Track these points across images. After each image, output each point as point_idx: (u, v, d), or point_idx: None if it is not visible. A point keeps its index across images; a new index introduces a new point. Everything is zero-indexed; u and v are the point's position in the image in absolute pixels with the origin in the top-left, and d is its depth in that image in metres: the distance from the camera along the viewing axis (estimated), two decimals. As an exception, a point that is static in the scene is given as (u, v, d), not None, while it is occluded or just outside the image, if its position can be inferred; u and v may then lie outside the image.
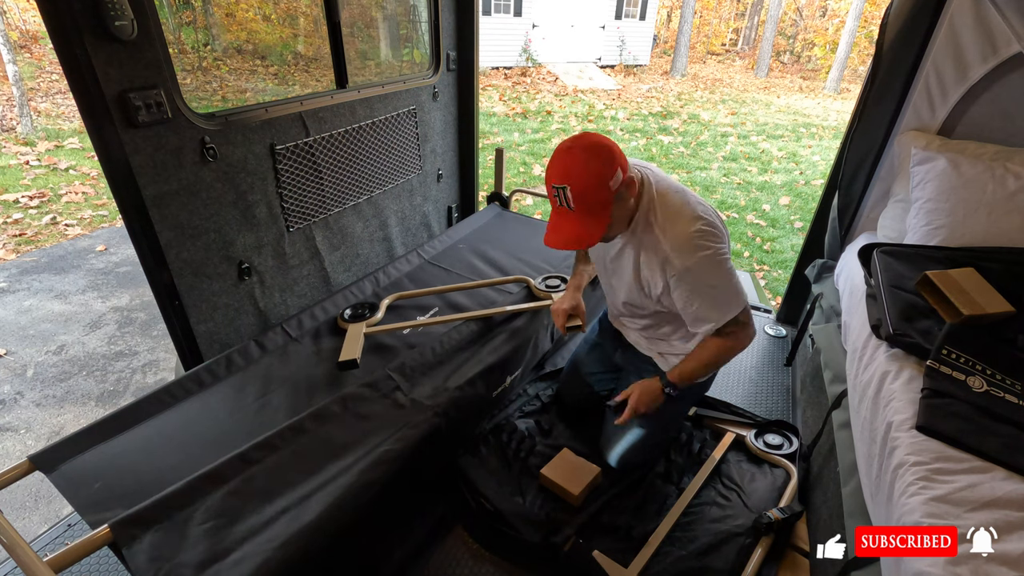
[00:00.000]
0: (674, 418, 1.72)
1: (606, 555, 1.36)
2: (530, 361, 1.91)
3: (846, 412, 1.38)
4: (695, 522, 1.47)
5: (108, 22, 1.25)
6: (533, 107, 8.53)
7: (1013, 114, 1.66)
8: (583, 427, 1.75)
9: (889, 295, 1.33)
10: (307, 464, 1.27)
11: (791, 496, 1.53)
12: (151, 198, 1.49)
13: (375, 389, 1.49)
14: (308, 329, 1.79)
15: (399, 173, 2.43)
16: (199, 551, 1.07)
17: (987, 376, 1.09)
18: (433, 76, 2.47)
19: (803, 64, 15.78)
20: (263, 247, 1.87)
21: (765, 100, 10.55)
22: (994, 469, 0.92)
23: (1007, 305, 1.25)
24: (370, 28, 2.77)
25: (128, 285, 3.46)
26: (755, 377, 2.15)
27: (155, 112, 1.42)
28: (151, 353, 2.84)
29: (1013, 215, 1.48)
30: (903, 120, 1.81)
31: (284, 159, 1.84)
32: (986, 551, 0.78)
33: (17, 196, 4.51)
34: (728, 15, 19.41)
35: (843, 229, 2.02)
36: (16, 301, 3.22)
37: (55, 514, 1.97)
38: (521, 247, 2.39)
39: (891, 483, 0.96)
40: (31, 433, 2.32)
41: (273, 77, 6.13)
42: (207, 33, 5.80)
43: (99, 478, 1.22)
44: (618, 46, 12.91)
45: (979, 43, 1.61)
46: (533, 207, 4.87)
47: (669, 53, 15.42)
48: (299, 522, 1.12)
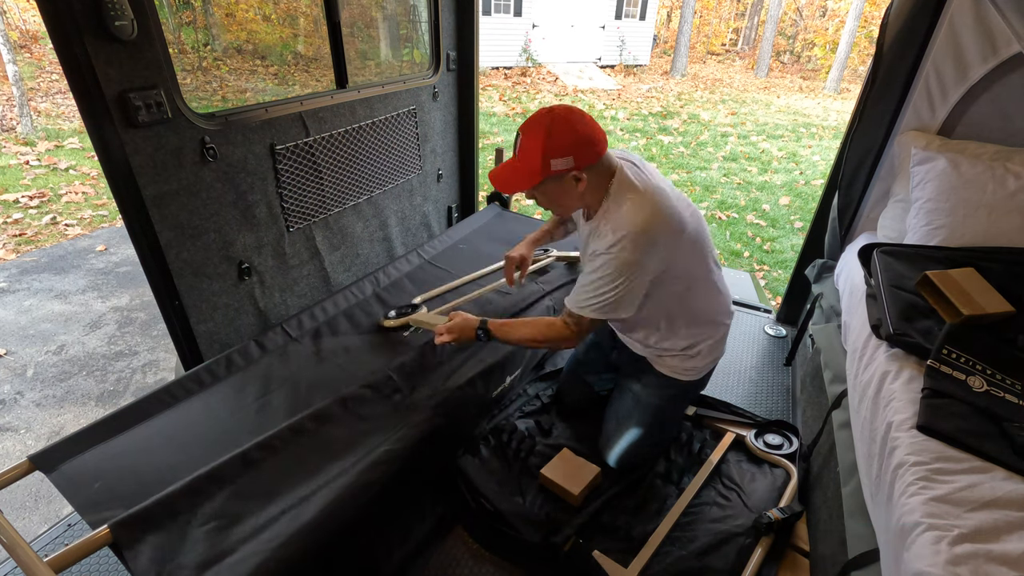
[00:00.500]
0: (673, 418, 1.72)
1: (606, 555, 1.36)
2: (530, 361, 1.91)
3: (846, 412, 1.38)
4: (695, 522, 1.47)
5: (108, 22, 1.25)
6: (533, 107, 8.53)
7: (1013, 114, 1.66)
8: (583, 427, 1.75)
9: (889, 295, 1.33)
10: (307, 464, 1.27)
11: (791, 496, 1.53)
12: (151, 198, 1.49)
13: (375, 389, 1.49)
14: (308, 329, 1.78)
15: (399, 173, 2.43)
16: (199, 551, 1.07)
17: (987, 376, 1.09)
18: (433, 76, 2.47)
19: (803, 64, 15.78)
20: (263, 247, 1.87)
21: (765, 100, 10.55)
22: (994, 469, 0.92)
23: (1007, 305, 1.25)
24: (370, 28, 2.77)
25: (128, 285, 3.46)
26: (755, 377, 2.15)
27: (155, 112, 1.42)
28: (151, 353, 2.85)
29: (1013, 215, 1.48)
30: (903, 120, 1.81)
31: (284, 159, 1.84)
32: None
33: (17, 196, 4.51)
34: (728, 15, 19.41)
35: (843, 229, 2.02)
36: (16, 301, 3.22)
37: (55, 514, 1.97)
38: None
39: (891, 483, 0.96)
40: (31, 433, 2.32)
41: (273, 77, 6.13)
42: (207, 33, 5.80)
43: (99, 478, 1.22)
44: (618, 46, 12.92)
45: (979, 43, 1.61)
46: (533, 207, 4.87)
47: (669, 53, 15.43)
48: (299, 522, 1.12)
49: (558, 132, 1.20)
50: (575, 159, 1.21)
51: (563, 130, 1.20)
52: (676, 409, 1.71)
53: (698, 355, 1.49)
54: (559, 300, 1.93)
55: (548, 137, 1.20)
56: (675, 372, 1.52)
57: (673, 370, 1.52)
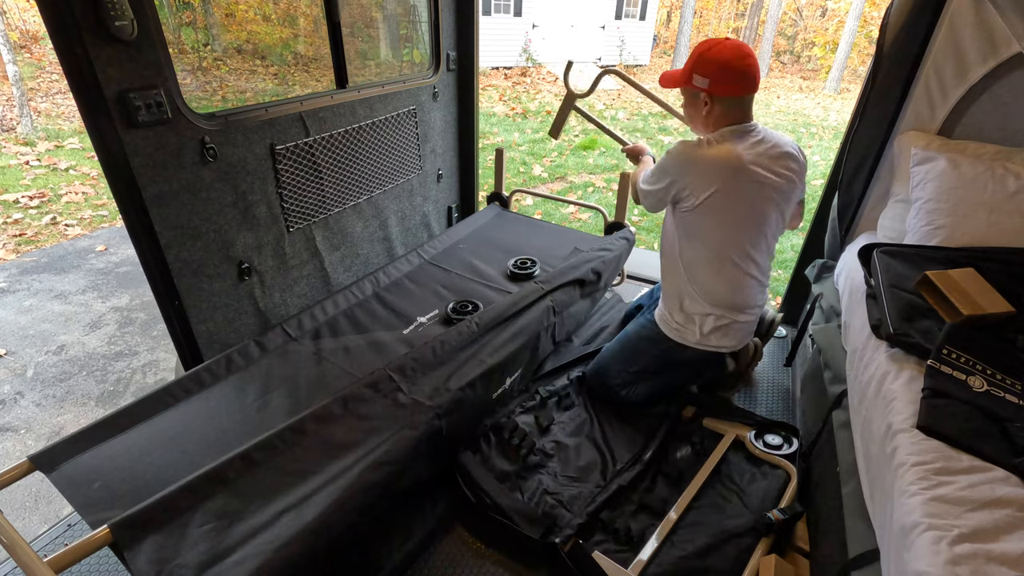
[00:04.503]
0: (639, 351, 1.81)
1: (606, 555, 1.36)
2: (530, 364, 1.91)
3: (846, 412, 1.37)
4: (695, 522, 1.47)
5: (108, 22, 1.25)
6: (533, 107, 8.53)
7: (1013, 114, 1.66)
8: (585, 427, 1.76)
9: (889, 295, 1.33)
10: (307, 464, 1.27)
11: (791, 496, 1.53)
12: (151, 198, 1.49)
13: (376, 390, 1.49)
14: (308, 329, 1.79)
15: (399, 173, 2.43)
16: (199, 551, 1.07)
17: (987, 376, 1.09)
18: (433, 76, 2.47)
19: (803, 64, 15.77)
20: (263, 247, 1.87)
21: (765, 100, 10.55)
22: (994, 469, 0.92)
23: (1007, 305, 1.25)
24: (370, 28, 2.77)
25: (128, 285, 3.46)
26: (755, 377, 2.15)
27: (155, 112, 1.42)
28: (151, 353, 2.85)
29: (1013, 215, 1.48)
30: (903, 120, 1.81)
31: (284, 159, 1.84)
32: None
33: (17, 196, 4.51)
34: (728, 15, 19.40)
35: (843, 229, 2.02)
36: (16, 301, 3.22)
37: (55, 514, 1.97)
38: (521, 247, 2.39)
39: (891, 483, 0.96)
40: (31, 433, 2.32)
41: (273, 77, 6.13)
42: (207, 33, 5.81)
43: (99, 478, 1.22)
44: (618, 46, 12.91)
45: (979, 43, 1.61)
46: (533, 207, 4.87)
47: (669, 53, 15.42)
48: (300, 522, 1.12)
49: (712, 55, 1.40)
50: (711, 83, 1.42)
51: (716, 56, 1.40)
52: (645, 346, 1.80)
53: (687, 320, 1.67)
54: (559, 300, 1.93)
55: (701, 54, 1.42)
56: (662, 320, 1.75)
57: (661, 318, 1.75)
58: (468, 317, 1.79)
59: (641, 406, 1.85)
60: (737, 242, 1.56)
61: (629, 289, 2.73)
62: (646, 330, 1.80)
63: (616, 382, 1.83)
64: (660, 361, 1.78)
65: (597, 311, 2.41)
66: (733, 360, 1.91)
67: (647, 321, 1.82)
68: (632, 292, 2.65)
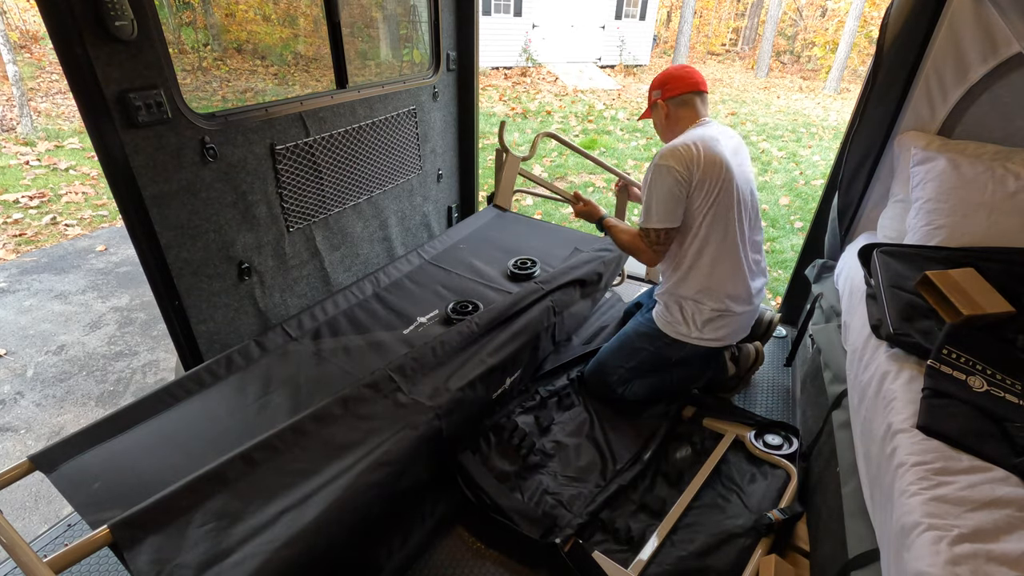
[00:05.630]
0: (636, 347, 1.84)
1: (606, 555, 1.36)
2: (530, 364, 1.91)
3: (846, 412, 1.37)
4: (695, 522, 1.47)
5: (108, 22, 1.25)
6: (533, 107, 8.53)
7: (1013, 114, 1.66)
8: (585, 427, 1.76)
9: (889, 295, 1.33)
10: (308, 465, 1.27)
11: (791, 496, 1.53)
12: (151, 198, 1.49)
13: (376, 390, 1.49)
14: (308, 329, 1.78)
15: (399, 173, 2.43)
16: (199, 552, 1.07)
17: (987, 376, 1.09)
18: (433, 76, 2.47)
19: (803, 64, 15.77)
20: (263, 247, 1.87)
21: (765, 100, 10.55)
22: (994, 469, 0.92)
23: (1007, 305, 1.25)
24: (370, 28, 2.77)
25: (128, 285, 3.46)
26: (755, 377, 2.15)
27: (155, 112, 1.42)
28: (151, 353, 2.85)
29: (1013, 215, 1.48)
30: (903, 120, 1.81)
31: (284, 159, 1.84)
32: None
33: (17, 196, 4.51)
34: (728, 15, 19.40)
35: (843, 229, 2.02)
36: (16, 301, 3.22)
37: (55, 514, 1.97)
38: (521, 247, 2.39)
39: (891, 483, 0.96)
40: (31, 433, 2.32)
41: (273, 77, 6.13)
42: (207, 33, 5.81)
43: (99, 478, 1.22)
44: (618, 46, 12.91)
45: (979, 43, 1.61)
46: (533, 207, 4.87)
47: (669, 53, 15.43)
48: (300, 523, 1.12)
49: (660, 77, 1.69)
50: (662, 92, 1.68)
51: (663, 75, 1.69)
52: (642, 342, 1.83)
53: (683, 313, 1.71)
54: (559, 300, 1.93)
55: (654, 82, 1.71)
56: (659, 316, 1.79)
57: (658, 314, 1.79)
58: (468, 317, 1.79)
59: (639, 405, 1.85)
60: (730, 227, 1.62)
61: (629, 289, 2.73)
62: (644, 327, 1.83)
63: (613, 379, 1.84)
64: (657, 358, 1.80)
65: (597, 311, 2.41)
66: (733, 364, 1.92)
67: (645, 319, 1.85)
68: (632, 292, 2.65)
